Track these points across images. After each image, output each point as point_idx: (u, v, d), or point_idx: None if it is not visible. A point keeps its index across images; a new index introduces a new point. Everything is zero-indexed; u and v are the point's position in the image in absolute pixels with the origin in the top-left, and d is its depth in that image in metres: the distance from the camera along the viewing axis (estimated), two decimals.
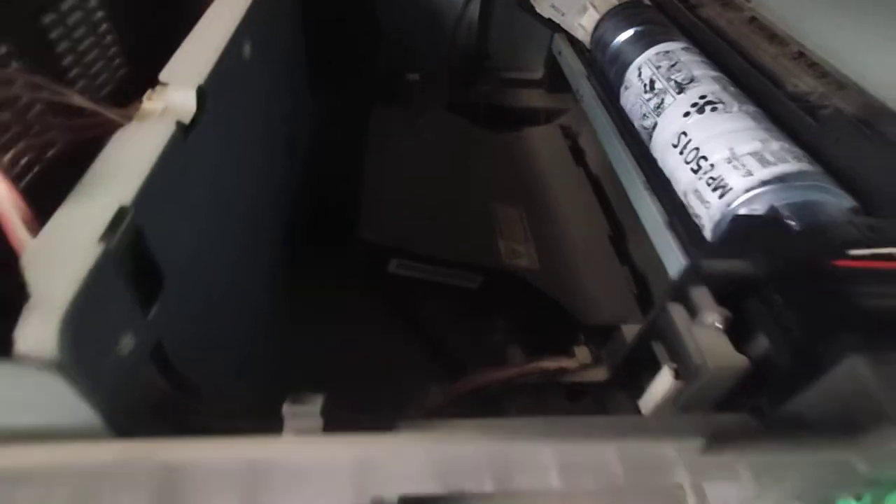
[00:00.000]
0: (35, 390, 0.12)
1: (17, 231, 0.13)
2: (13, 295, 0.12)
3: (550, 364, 0.27)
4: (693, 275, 0.20)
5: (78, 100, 0.20)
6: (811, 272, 0.20)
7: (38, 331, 0.11)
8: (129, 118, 0.20)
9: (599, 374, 0.28)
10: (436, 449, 0.14)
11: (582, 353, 0.27)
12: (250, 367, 0.24)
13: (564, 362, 0.27)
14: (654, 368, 0.22)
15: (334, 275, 0.34)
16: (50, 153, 0.20)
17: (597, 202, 0.44)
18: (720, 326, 0.20)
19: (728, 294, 0.20)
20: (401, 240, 0.34)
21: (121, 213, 0.14)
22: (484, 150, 0.47)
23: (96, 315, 0.13)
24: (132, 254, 0.15)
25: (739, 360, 0.19)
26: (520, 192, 0.44)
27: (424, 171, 0.42)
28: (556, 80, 0.55)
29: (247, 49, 0.25)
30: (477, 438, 0.14)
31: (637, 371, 0.24)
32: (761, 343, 0.20)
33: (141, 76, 0.35)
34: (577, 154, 0.48)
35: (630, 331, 0.25)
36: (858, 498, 0.20)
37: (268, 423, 0.14)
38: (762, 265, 0.20)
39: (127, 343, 0.14)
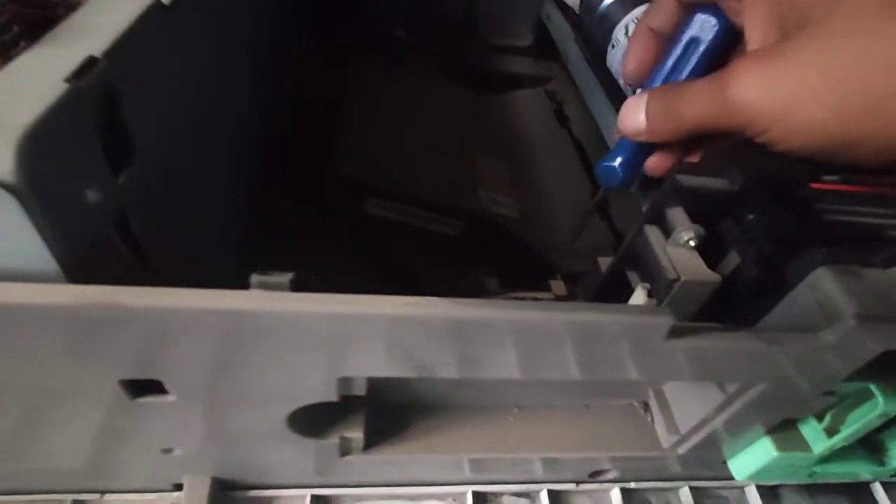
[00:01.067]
0: None
1: None
2: None
3: (526, 294, 0.27)
4: (670, 191, 0.20)
5: None
6: (783, 191, 0.20)
7: None
8: None
9: None
10: (402, 313, 0.13)
11: (557, 286, 0.27)
12: (211, 271, 0.24)
13: (540, 294, 0.27)
14: (628, 297, 0.22)
15: (311, 228, 0.33)
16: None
17: (580, 163, 0.44)
18: (693, 244, 0.20)
19: (703, 213, 0.21)
20: (379, 177, 0.33)
21: (91, 61, 0.13)
22: (470, 107, 0.47)
23: (58, 151, 0.12)
24: (103, 111, 0.14)
25: (711, 276, 0.20)
26: (504, 148, 0.44)
27: (407, 121, 0.41)
28: (544, 47, 0.55)
29: None
30: (446, 305, 0.14)
31: (613, 300, 0.24)
32: (733, 260, 0.20)
33: None
34: (562, 119, 0.49)
35: (605, 262, 0.26)
36: (820, 417, 0.21)
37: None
38: (737, 182, 0.20)
39: (92, 197, 0.14)
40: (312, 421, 0.18)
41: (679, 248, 0.21)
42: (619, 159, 0.20)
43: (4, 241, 0.12)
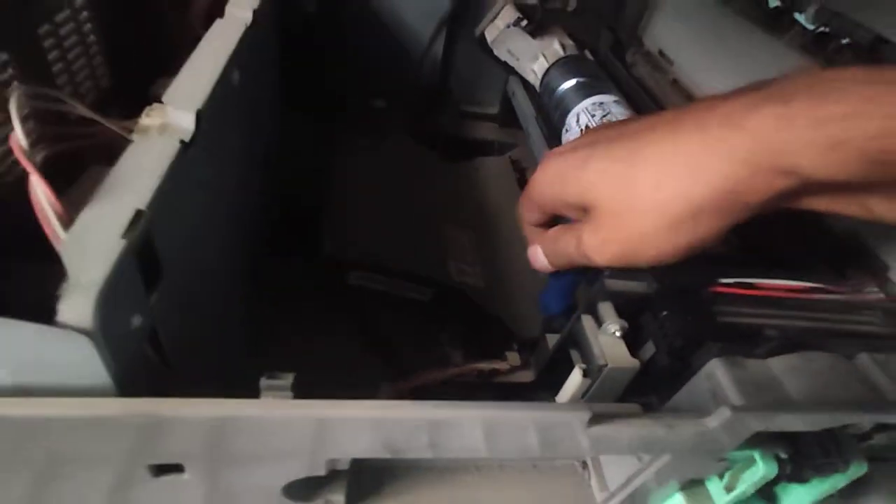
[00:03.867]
0: (67, 352, 0.15)
1: (54, 227, 0.16)
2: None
3: (485, 366, 0.31)
4: (600, 291, 0.25)
5: (84, 110, 0.23)
6: (689, 294, 0.25)
7: (78, 306, 0.14)
8: (128, 131, 0.23)
9: (527, 376, 0.32)
10: (382, 415, 0.17)
11: (513, 357, 0.31)
12: (220, 358, 0.27)
13: (497, 364, 0.31)
14: (571, 370, 0.27)
15: (297, 285, 0.37)
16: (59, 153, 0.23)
17: None
18: (619, 335, 0.25)
19: (627, 309, 0.25)
20: (361, 255, 0.37)
21: (139, 215, 0.17)
22: (440, 176, 0.52)
23: (117, 297, 0.16)
24: (142, 249, 0.18)
25: (632, 362, 0.24)
26: (471, 217, 0.48)
27: (384, 194, 0.46)
28: (509, 115, 0.60)
29: (235, 76, 0.29)
30: (417, 408, 0.18)
31: (558, 373, 0.28)
32: (650, 349, 0.25)
33: (123, 88, 0.38)
34: (524, 185, 0.54)
35: (552, 339, 0.30)
36: (721, 476, 0.25)
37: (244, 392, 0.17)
38: (653, 286, 0.25)
39: (136, 321, 0.17)
40: (303, 488, 0.22)
41: (608, 337, 0.25)
42: (551, 298, 0.27)
43: (75, 368, 0.15)
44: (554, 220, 0.29)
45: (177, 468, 0.19)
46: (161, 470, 0.19)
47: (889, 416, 0.22)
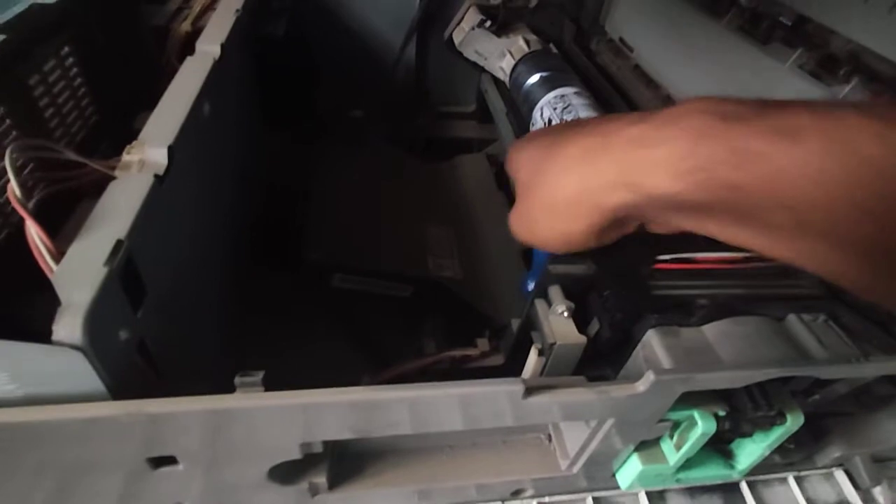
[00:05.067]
0: (63, 366, 0.18)
1: (47, 262, 0.19)
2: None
3: (457, 353, 0.33)
4: (547, 275, 0.28)
5: (72, 155, 0.26)
6: (627, 273, 0.27)
7: (68, 326, 0.17)
8: (112, 168, 0.26)
9: (498, 360, 0.35)
10: (345, 401, 0.20)
11: (482, 343, 0.34)
12: (207, 364, 0.30)
13: (469, 351, 0.34)
14: None
15: (283, 292, 0.40)
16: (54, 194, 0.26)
17: None
18: (566, 315, 0.27)
19: (574, 290, 0.28)
20: (342, 258, 0.40)
21: (118, 245, 0.20)
22: (418, 177, 0.55)
23: (104, 316, 0.19)
24: (125, 272, 0.21)
25: (579, 338, 0.27)
26: (449, 214, 0.51)
27: (364, 199, 0.48)
28: (485, 112, 0.63)
29: (206, 108, 0.31)
30: (367, 392, 0.20)
31: (522, 354, 0.31)
32: (595, 325, 0.27)
33: (110, 123, 0.41)
34: (500, 182, 0.56)
35: (517, 324, 0.32)
36: (672, 436, 0.28)
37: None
38: (592, 268, 0.27)
39: (123, 335, 0.20)
40: (287, 472, 0.24)
41: (557, 317, 0.27)
42: (525, 277, 0.29)
43: (71, 379, 0.18)
44: None
45: (172, 460, 0.22)
46: (159, 462, 0.22)
47: (804, 368, 0.24)
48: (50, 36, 0.35)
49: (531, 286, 0.31)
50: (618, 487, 0.31)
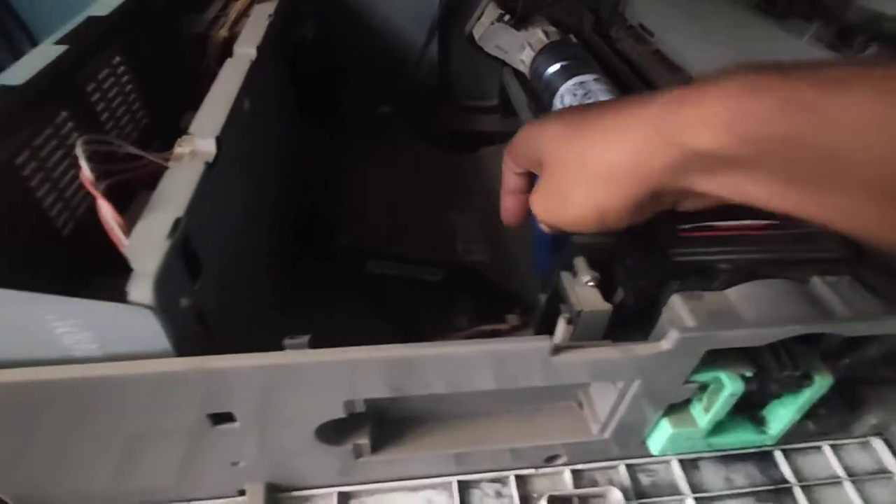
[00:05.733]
0: (137, 323, 0.20)
1: (119, 236, 0.21)
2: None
3: (488, 328, 0.35)
4: (572, 247, 0.29)
5: (131, 149, 0.28)
6: (650, 241, 0.28)
7: (141, 288, 0.20)
8: (165, 160, 0.29)
9: (527, 334, 0.36)
10: (384, 357, 0.22)
11: (512, 318, 0.35)
12: (254, 333, 0.33)
13: (499, 325, 0.35)
14: None
15: (326, 283, 0.42)
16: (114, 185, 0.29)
17: None
18: (592, 284, 0.28)
19: (598, 260, 0.29)
20: (374, 242, 0.42)
21: (177, 222, 0.22)
22: (444, 169, 0.56)
23: (168, 282, 0.21)
24: (183, 247, 0.23)
25: (605, 306, 0.28)
26: (476, 202, 0.52)
27: (396, 190, 0.50)
28: (508, 106, 0.64)
29: (246, 105, 0.34)
30: (408, 349, 0.22)
31: (550, 326, 0.32)
32: (620, 294, 0.28)
33: (159, 125, 0.44)
34: None
35: (544, 297, 0.34)
36: (700, 399, 0.28)
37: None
38: (615, 237, 0.28)
39: (184, 302, 0.22)
40: (332, 434, 0.26)
41: (583, 287, 0.29)
42: (537, 254, 0.30)
43: (143, 337, 0.20)
44: (532, 178, 0.32)
45: (230, 418, 0.24)
46: (218, 419, 0.24)
47: (827, 325, 0.24)
48: (104, 46, 0.39)
49: (539, 260, 0.33)
50: (651, 455, 0.31)
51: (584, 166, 0.24)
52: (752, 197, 0.21)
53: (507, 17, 0.56)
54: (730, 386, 0.26)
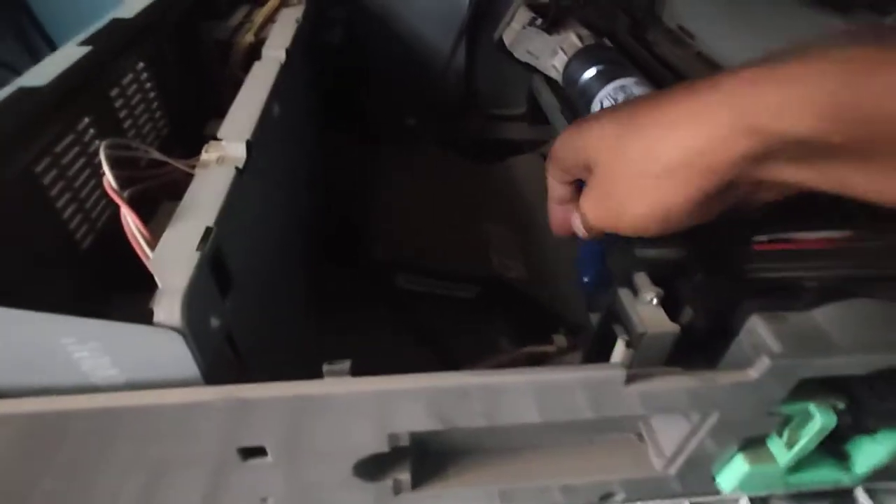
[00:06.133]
0: (163, 348, 0.18)
1: (144, 248, 0.19)
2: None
3: (535, 350, 0.32)
4: (633, 262, 0.26)
5: (156, 154, 0.27)
6: (720, 255, 0.25)
7: (168, 308, 0.17)
8: (191, 167, 0.27)
9: (577, 358, 0.33)
10: (434, 384, 0.19)
11: (559, 340, 0.32)
12: (285, 355, 0.30)
13: (546, 347, 0.32)
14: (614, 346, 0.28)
15: (356, 297, 0.40)
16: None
17: None
18: (655, 302, 0.26)
19: (662, 276, 0.26)
20: (404, 256, 0.40)
21: (208, 231, 0.20)
22: (473, 179, 0.54)
23: (198, 300, 0.19)
24: (214, 260, 0.21)
25: (672, 327, 0.25)
26: (509, 213, 0.50)
27: (425, 201, 0.48)
28: (536, 114, 0.62)
29: (276, 109, 0.32)
30: (466, 376, 0.19)
31: (604, 350, 0.29)
32: (688, 313, 0.26)
33: (179, 134, 0.43)
34: None
35: (595, 317, 0.31)
36: (781, 434, 0.25)
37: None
38: (682, 251, 0.25)
39: (214, 322, 0.20)
40: (372, 469, 0.24)
41: (645, 306, 0.26)
42: (582, 265, 0.28)
43: (169, 363, 0.18)
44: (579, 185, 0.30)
45: (261, 452, 0.21)
46: (248, 454, 0.21)
47: None
48: (127, 50, 0.37)
49: (587, 278, 0.30)
50: (717, 492, 0.28)
51: (642, 162, 0.22)
52: (832, 184, 0.19)
53: (538, 21, 0.53)
54: (820, 419, 0.23)
